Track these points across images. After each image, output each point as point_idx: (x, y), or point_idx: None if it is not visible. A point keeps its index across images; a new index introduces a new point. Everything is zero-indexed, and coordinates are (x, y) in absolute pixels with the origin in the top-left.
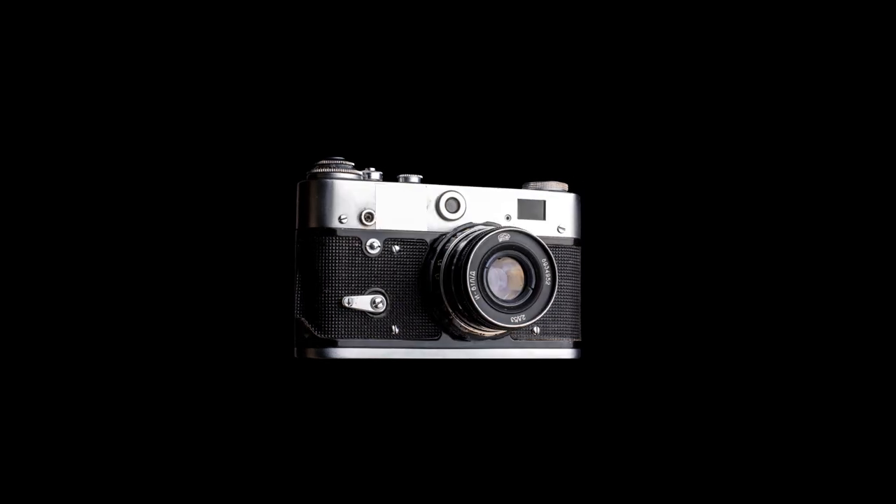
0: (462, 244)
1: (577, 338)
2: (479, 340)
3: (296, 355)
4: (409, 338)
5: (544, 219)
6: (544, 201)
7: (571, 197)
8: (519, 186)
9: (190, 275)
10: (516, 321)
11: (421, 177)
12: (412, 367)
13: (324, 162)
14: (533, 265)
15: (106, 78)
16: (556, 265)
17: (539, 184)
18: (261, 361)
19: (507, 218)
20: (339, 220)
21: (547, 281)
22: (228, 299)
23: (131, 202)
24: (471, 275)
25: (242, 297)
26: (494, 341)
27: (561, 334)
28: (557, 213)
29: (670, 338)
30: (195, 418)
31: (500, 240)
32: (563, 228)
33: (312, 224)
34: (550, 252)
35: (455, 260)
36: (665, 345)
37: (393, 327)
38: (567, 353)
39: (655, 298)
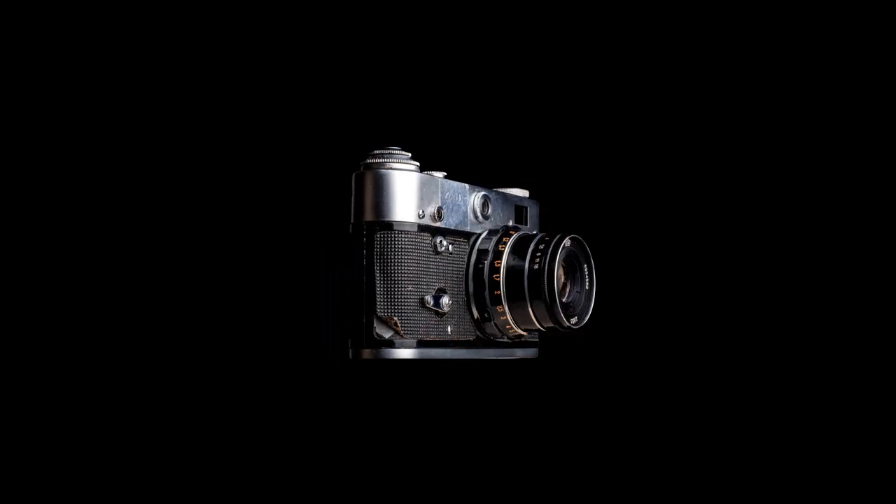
0: (521, 248)
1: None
2: (507, 340)
3: (351, 356)
4: (458, 337)
5: (526, 223)
6: (526, 207)
7: (535, 203)
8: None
9: (234, 274)
10: (573, 322)
11: (445, 173)
12: (441, 367)
13: (381, 152)
14: (579, 269)
15: (155, 71)
16: (594, 269)
17: (502, 191)
18: (316, 363)
19: (508, 221)
20: (419, 215)
21: (586, 285)
22: (274, 299)
23: (166, 201)
24: (555, 277)
25: (289, 296)
26: (491, 342)
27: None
28: (532, 218)
29: (622, 336)
30: (247, 423)
31: (565, 245)
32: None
33: (386, 217)
34: (591, 256)
35: (530, 263)
36: (617, 343)
37: (448, 327)
38: (530, 353)
39: (608, 299)
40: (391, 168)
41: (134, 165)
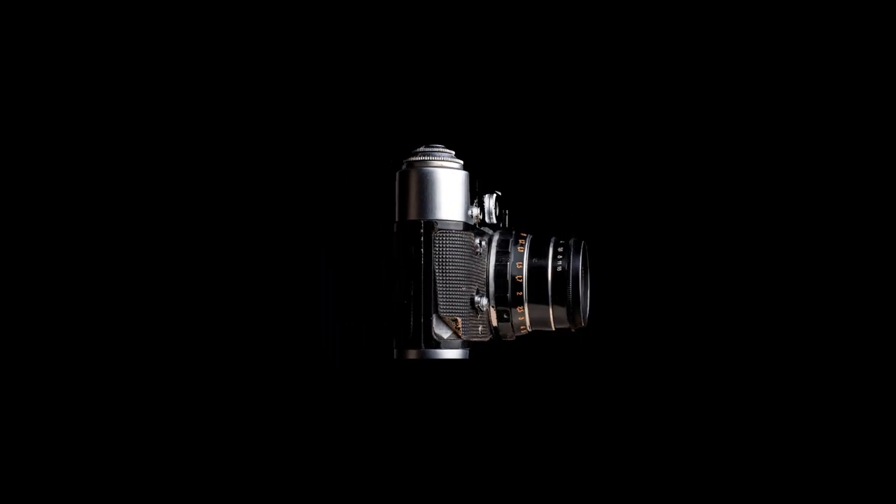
0: (540, 250)
1: None
2: (513, 340)
3: (395, 356)
4: (483, 337)
5: (507, 224)
6: (507, 211)
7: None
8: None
9: (277, 273)
10: (584, 321)
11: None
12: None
13: (426, 150)
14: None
15: (198, 68)
16: (589, 272)
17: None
18: (360, 363)
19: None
20: (468, 215)
21: (582, 286)
22: (316, 298)
23: (203, 200)
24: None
25: (332, 295)
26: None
27: None
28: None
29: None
30: (291, 424)
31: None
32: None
33: (441, 216)
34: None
35: (553, 265)
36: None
37: (479, 327)
38: None
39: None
40: (440, 166)
41: (176, 167)
